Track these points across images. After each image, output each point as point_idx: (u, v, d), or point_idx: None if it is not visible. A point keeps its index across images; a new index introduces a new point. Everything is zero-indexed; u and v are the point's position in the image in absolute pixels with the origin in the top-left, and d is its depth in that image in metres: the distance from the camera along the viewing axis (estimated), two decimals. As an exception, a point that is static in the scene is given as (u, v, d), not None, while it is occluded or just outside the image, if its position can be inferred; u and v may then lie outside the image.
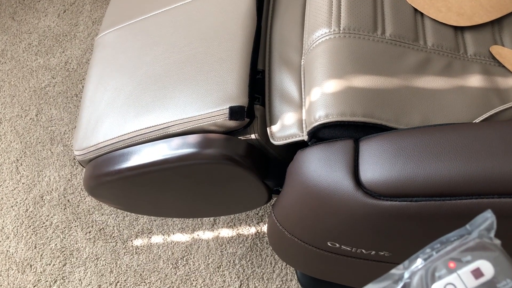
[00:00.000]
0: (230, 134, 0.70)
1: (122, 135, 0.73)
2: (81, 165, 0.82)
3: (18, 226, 1.16)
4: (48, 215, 1.17)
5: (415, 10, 0.69)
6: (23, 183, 1.21)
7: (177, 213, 0.90)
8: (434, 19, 0.68)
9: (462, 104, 0.60)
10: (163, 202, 0.82)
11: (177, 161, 0.67)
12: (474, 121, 0.59)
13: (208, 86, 0.70)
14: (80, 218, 1.16)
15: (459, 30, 0.68)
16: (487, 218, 0.35)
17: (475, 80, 0.63)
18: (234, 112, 0.66)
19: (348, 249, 0.66)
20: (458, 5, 0.69)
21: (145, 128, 0.71)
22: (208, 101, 0.69)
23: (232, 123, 0.67)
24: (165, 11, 0.84)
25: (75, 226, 1.15)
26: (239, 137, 0.70)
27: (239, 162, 0.66)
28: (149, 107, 0.73)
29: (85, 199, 1.18)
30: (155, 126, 0.71)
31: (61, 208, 1.17)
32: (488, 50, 0.66)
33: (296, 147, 0.65)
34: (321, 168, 0.59)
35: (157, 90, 0.74)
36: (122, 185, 0.74)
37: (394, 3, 0.68)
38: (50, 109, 1.31)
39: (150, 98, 0.73)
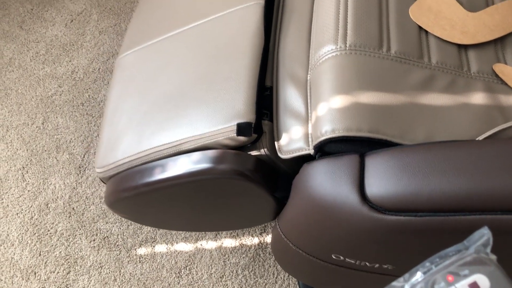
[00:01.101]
0: (240, 149, 0.72)
1: (139, 153, 0.76)
2: (103, 182, 0.85)
3: (23, 233, 1.17)
4: (53, 223, 1.18)
5: (420, 27, 0.70)
6: (28, 191, 1.23)
7: (189, 227, 0.92)
8: (438, 37, 0.70)
9: (466, 121, 0.61)
10: (176, 217, 0.84)
11: (190, 177, 0.69)
12: (477, 138, 0.60)
13: (218, 104, 0.72)
14: (84, 226, 1.17)
15: (462, 48, 0.70)
16: (484, 234, 0.36)
17: (478, 98, 0.64)
18: (242, 128, 0.68)
19: (352, 261, 0.67)
20: (462, 24, 0.70)
21: (160, 146, 0.74)
22: (217, 118, 0.71)
23: (241, 139, 0.69)
24: (178, 32, 0.88)
25: (79, 234, 1.16)
26: (249, 152, 0.71)
27: (249, 177, 0.68)
28: (163, 125, 0.76)
29: (89, 207, 1.19)
30: (169, 143, 0.73)
31: (66, 216, 1.18)
32: (491, 68, 0.68)
33: (304, 160, 0.66)
34: (327, 182, 0.60)
35: (170, 109, 0.77)
36: (139, 200, 0.76)
37: (399, 21, 0.70)
38: (56, 117, 1.32)
39: (164, 117, 0.76)
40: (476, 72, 0.67)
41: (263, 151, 0.71)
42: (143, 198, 0.75)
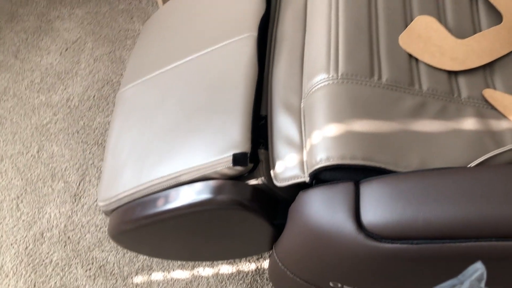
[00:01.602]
0: (238, 179, 0.72)
1: (139, 185, 0.77)
2: (106, 215, 0.87)
3: (17, 264, 1.16)
4: (48, 253, 1.17)
5: (410, 55, 0.72)
6: (23, 220, 1.22)
7: (191, 257, 0.92)
8: (428, 64, 0.71)
9: (458, 147, 0.62)
10: (179, 247, 0.85)
11: (189, 208, 0.70)
12: (469, 165, 0.61)
13: (214, 135, 0.73)
14: (80, 255, 1.16)
15: (452, 74, 0.71)
16: (478, 269, 0.36)
17: (469, 123, 0.65)
18: (237, 159, 0.69)
19: (350, 289, 0.67)
20: (451, 50, 0.72)
21: (159, 178, 0.75)
22: (214, 150, 0.72)
23: (237, 169, 0.70)
24: (175, 66, 0.90)
25: (75, 263, 1.15)
26: (247, 181, 0.72)
27: (247, 206, 0.68)
28: (162, 158, 0.77)
29: (85, 235, 1.18)
30: (168, 175, 0.74)
31: (62, 245, 1.18)
32: (481, 94, 0.69)
33: (301, 187, 0.67)
34: (323, 210, 0.61)
35: (169, 141, 0.78)
36: (141, 233, 0.77)
37: (390, 49, 0.71)
38: (52, 146, 1.33)
39: (163, 149, 0.78)
40: (466, 98, 0.69)
41: (260, 180, 0.72)
42: (144, 230, 0.76)
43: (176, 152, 0.76)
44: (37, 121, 1.37)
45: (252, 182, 0.72)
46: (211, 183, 0.71)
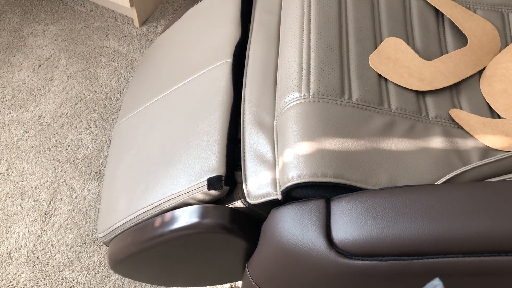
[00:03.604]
0: (217, 202, 0.74)
1: (130, 215, 0.81)
2: (106, 246, 0.92)
3: (-17, 285, 1.12)
4: (15, 273, 1.14)
5: (379, 75, 0.74)
6: (-10, 240, 1.18)
7: (181, 282, 0.94)
8: (397, 84, 0.73)
9: (426, 165, 0.64)
10: (173, 273, 0.88)
11: (171, 233, 0.72)
12: (437, 182, 0.62)
13: (193, 161, 0.76)
14: (49, 275, 1.13)
15: (420, 94, 0.73)
16: (436, 286, 0.37)
17: (437, 142, 0.67)
18: (212, 182, 0.71)
19: (322, 307, 0.67)
20: (419, 71, 0.74)
21: (146, 207, 0.79)
22: (192, 175, 0.74)
23: (214, 193, 0.71)
24: (162, 97, 0.95)
25: (43, 285, 1.12)
26: (227, 205, 0.73)
27: (228, 229, 0.69)
28: (148, 187, 0.81)
29: (55, 255, 1.15)
30: (152, 204, 0.78)
31: (30, 266, 1.14)
32: (448, 113, 0.71)
33: (279, 205, 0.67)
34: (294, 228, 0.61)
35: (154, 170, 0.82)
36: (132, 260, 0.80)
37: (359, 70, 0.73)
38: (22, 163, 1.30)
39: (149, 178, 0.82)
40: (434, 117, 0.71)
41: (239, 202, 0.72)
42: (135, 257, 0.78)
43: (160, 181, 0.79)
44: (7, 138, 1.35)
45: (232, 204, 0.73)
46: (188, 209, 0.72)
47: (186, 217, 0.71)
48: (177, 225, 0.71)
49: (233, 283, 1.10)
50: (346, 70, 0.72)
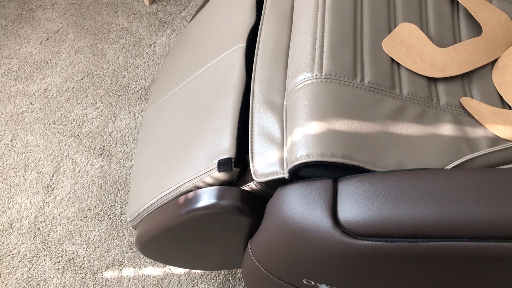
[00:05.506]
0: (230, 184, 0.75)
1: (152, 199, 0.84)
2: (135, 229, 0.96)
3: (-17, 253, 1.13)
4: (16, 243, 1.14)
5: (392, 60, 0.73)
6: (-8, 209, 1.19)
7: (196, 265, 0.98)
8: (409, 70, 0.73)
9: (435, 151, 0.64)
10: (185, 255, 0.91)
11: (184, 216, 0.74)
12: (445, 168, 0.62)
13: (206, 145, 0.78)
14: (49, 247, 1.14)
15: (432, 81, 0.73)
16: None
17: (446, 129, 0.67)
18: (221, 164, 0.72)
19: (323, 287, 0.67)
20: (432, 58, 0.74)
21: (166, 190, 0.82)
22: (204, 158, 0.76)
23: (224, 175, 0.72)
24: (182, 85, 0.98)
25: (43, 256, 1.13)
26: (241, 187, 0.73)
27: (241, 209, 0.70)
28: (167, 172, 0.84)
29: (56, 228, 1.16)
30: (171, 187, 0.81)
31: (31, 237, 1.15)
32: (459, 101, 0.71)
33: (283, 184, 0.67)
34: (300, 206, 0.61)
35: (174, 155, 0.86)
36: (156, 242, 0.84)
37: (373, 53, 0.72)
38: (26, 135, 1.30)
39: (169, 163, 0.85)
40: (444, 105, 0.70)
41: (252, 184, 0.73)
42: (158, 240, 0.82)
43: (178, 165, 0.82)
44: (12, 109, 1.34)
45: (246, 186, 0.74)
46: (200, 191, 0.74)
47: (202, 199, 0.72)
48: (192, 206, 0.73)
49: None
50: (360, 52, 0.72)
